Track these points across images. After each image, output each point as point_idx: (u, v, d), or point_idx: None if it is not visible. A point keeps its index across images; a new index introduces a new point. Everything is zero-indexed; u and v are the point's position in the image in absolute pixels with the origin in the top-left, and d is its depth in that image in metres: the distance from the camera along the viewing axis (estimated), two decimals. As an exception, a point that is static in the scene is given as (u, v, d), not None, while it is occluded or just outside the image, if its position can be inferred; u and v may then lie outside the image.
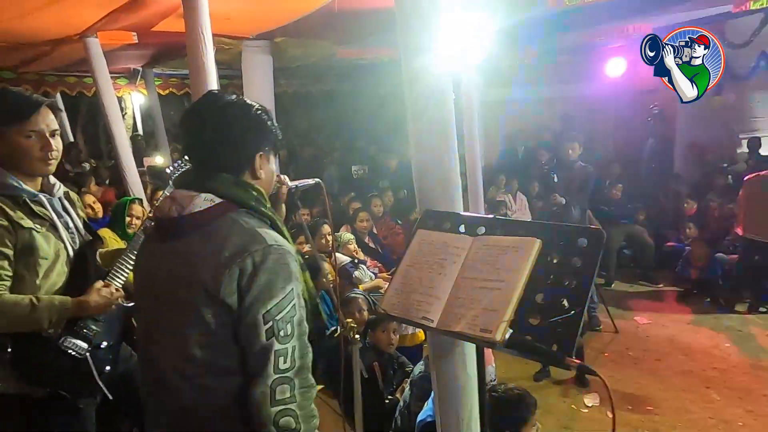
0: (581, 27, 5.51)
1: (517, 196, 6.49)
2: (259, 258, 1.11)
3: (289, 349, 1.12)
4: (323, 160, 8.46)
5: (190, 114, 1.26)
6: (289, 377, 1.11)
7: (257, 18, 4.17)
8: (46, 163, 1.69)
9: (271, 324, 1.10)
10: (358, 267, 4.12)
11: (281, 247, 1.16)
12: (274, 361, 1.10)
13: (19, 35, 4.26)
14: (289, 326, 1.12)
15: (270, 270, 1.12)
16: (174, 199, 1.19)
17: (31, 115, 1.63)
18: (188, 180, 1.23)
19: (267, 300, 1.11)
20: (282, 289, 1.12)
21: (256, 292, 1.10)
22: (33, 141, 1.64)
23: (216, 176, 1.19)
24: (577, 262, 1.24)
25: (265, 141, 1.26)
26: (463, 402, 1.65)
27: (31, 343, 1.65)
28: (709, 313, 4.95)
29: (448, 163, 1.64)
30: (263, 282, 1.11)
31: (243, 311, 1.10)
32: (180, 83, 8.12)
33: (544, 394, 3.39)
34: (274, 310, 1.11)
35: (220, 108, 1.22)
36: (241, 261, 1.10)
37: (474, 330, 1.20)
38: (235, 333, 1.13)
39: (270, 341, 1.10)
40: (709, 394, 3.57)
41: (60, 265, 1.73)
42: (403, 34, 1.62)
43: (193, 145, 1.24)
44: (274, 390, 1.10)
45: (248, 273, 1.10)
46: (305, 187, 1.58)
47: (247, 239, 1.14)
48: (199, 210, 1.15)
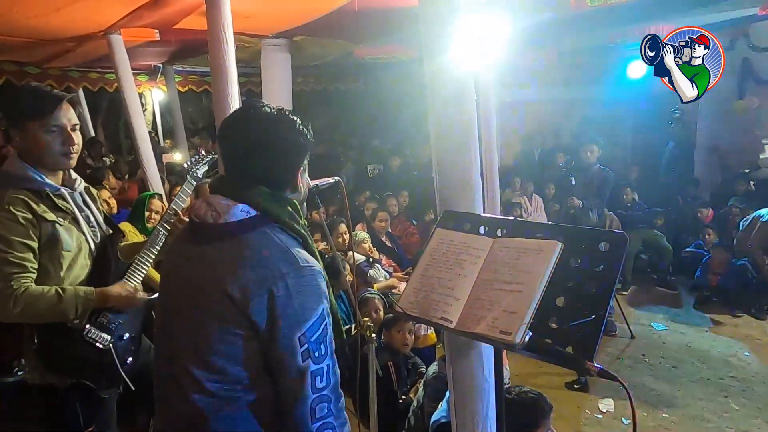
0: (602, 28, 5.44)
1: (532, 198, 6.44)
2: (292, 281, 1.12)
3: (324, 368, 1.14)
4: (339, 159, 8.49)
5: (233, 123, 1.24)
6: (326, 395, 1.14)
7: (278, 16, 4.19)
8: (68, 158, 1.72)
9: (306, 346, 1.12)
10: (373, 266, 4.13)
11: (313, 268, 1.17)
12: (311, 381, 1.12)
13: (45, 32, 4.34)
14: (322, 346, 1.14)
15: (303, 293, 1.13)
16: (210, 204, 1.19)
17: (53, 110, 1.66)
18: (225, 188, 1.22)
19: (302, 323, 1.12)
20: (314, 310, 1.14)
21: (291, 317, 1.11)
22: (55, 135, 1.67)
23: (254, 188, 1.19)
24: (599, 266, 1.23)
25: (306, 155, 1.27)
26: (479, 403, 1.64)
27: (56, 334, 1.69)
28: (728, 320, 4.86)
29: (469, 164, 1.64)
30: (297, 306, 1.12)
31: (277, 336, 1.11)
32: (199, 80, 8.20)
33: (558, 399, 3.36)
34: (309, 333, 1.12)
35: (268, 123, 1.20)
36: (273, 283, 1.11)
37: (493, 332, 1.20)
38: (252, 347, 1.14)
39: (306, 363, 1.12)
40: (727, 404, 3.50)
41: (82, 258, 1.76)
42: (426, 34, 1.62)
43: (234, 156, 1.22)
44: (314, 409, 1.13)
45: (281, 297, 1.11)
46: (326, 185, 1.59)
47: (280, 258, 1.14)
48: (234, 221, 1.16)
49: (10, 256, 1.58)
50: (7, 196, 1.62)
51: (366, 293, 3.29)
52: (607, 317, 4.70)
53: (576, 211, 5.07)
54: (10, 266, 1.58)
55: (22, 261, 1.60)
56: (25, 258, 1.61)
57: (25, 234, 1.61)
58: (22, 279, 1.59)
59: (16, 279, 1.58)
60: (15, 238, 1.59)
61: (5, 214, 1.60)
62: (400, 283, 4.04)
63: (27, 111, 1.65)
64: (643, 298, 5.51)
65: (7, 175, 1.68)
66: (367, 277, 4.00)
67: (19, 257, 1.59)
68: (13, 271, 1.58)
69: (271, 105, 1.26)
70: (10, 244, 1.58)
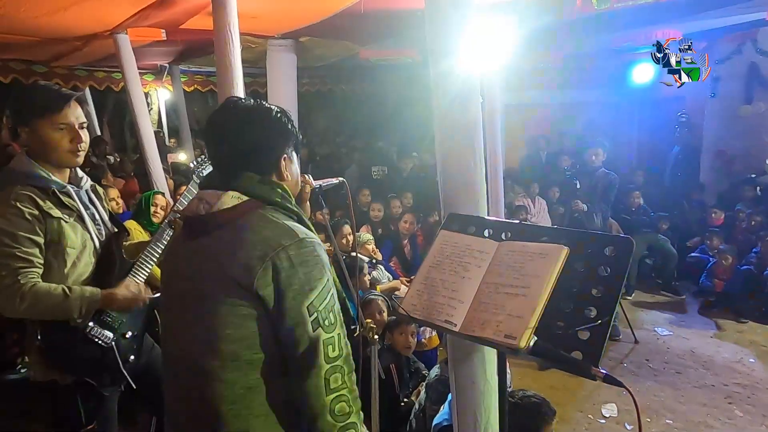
0: (608, 32, 5.43)
1: (536, 201, 6.42)
2: (294, 252, 1.13)
3: (335, 337, 1.14)
4: (343, 160, 8.48)
5: (212, 121, 1.27)
6: (339, 365, 1.14)
7: (284, 17, 4.19)
8: (75, 155, 1.73)
9: (315, 315, 1.12)
10: (376, 267, 4.12)
11: (313, 240, 1.18)
12: (323, 351, 1.12)
13: (53, 30, 4.36)
14: (332, 315, 1.15)
15: (306, 263, 1.13)
16: (201, 198, 1.21)
17: (63, 108, 1.68)
18: (214, 181, 1.25)
19: (309, 292, 1.12)
20: (320, 280, 1.14)
21: (297, 287, 1.12)
22: (63, 133, 1.69)
23: (241, 175, 1.21)
24: (605, 270, 1.22)
25: (287, 143, 1.28)
26: (481, 407, 1.63)
27: (59, 331, 1.69)
28: (734, 326, 4.83)
29: (474, 167, 1.63)
30: (302, 275, 1.12)
31: (285, 307, 1.12)
32: (205, 80, 8.23)
33: (560, 404, 3.34)
34: (317, 302, 1.13)
35: (242, 114, 1.24)
36: (275, 255, 1.11)
37: (498, 336, 1.19)
38: (263, 326, 1.14)
39: (317, 332, 1.12)
40: (731, 410, 3.48)
41: (87, 256, 1.77)
42: (432, 36, 1.61)
43: (217, 152, 1.26)
44: (328, 380, 1.12)
45: (285, 267, 1.11)
46: (329, 186, 1.59)
47: (279, 232, 1.15)
48: (227, 207, 1.17)
49: (17, 251, 1.59)
50: (14, 192, 1.63)
51: (369, 295, 3.28)
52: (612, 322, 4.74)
53: (580, 214, 5.05)
54: (18, 261, 1.59)
55: (28, 256, 1.61)
56: (31, 253, 1.61)
57: (32, 230, 1.62)
58: (29, 274, 1.60)
59: (23, 274, 1.59)
60: (21, 233, 1.60)
61: (12, 210, 1.60)
62: (403, 286, 4.04)
63: (36, 109, 1.67)
64: (647, 302, 5.48)
65: (14, 171, 1.69)
66: (371, 278, 3.99)
67: (26, 252, 1.60)
68: (21, 266, 1.59)
69: (251, 98, 1.29)
70: (16, 240, 1.59)
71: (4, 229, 1.59)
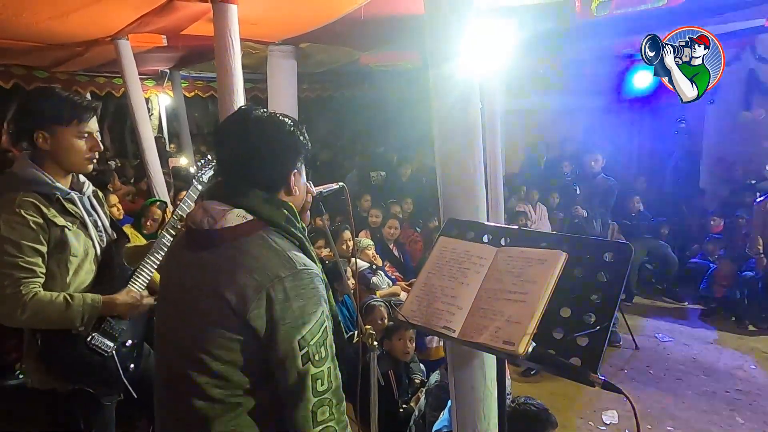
0: (608, 37, 5.44)
1: (537, 207, 6.42)
2: (290, 284, 1.12)
3: (325, 371, 1.14)
4: (343, 165, 8.49)
5: (225, 128, 1.26)
6: (327, 398, 1.14)
7: (284, 23, 4.21)
8: (90, 162, 1.78)
9: (306, 350, 1.11)
10: (376, 273, 4.12)
11: (311, 271, 1.16)
12: (311, 385, 1.12)
13: (54, 36, 4.38)
14: (322, 349, 1.14)
15: (302, 296, 1.13)
16: (206, 210, 1.19)
17: (90, 118, 1.74)
18: (220, 193, 1.23)
19: (301, 327, 1.11)
20: (314, 313, 1.13)
21: (290, 320, 1.11)
22: (85, 141, 1.74)
23: (248, 192, 1.19)
24: (603, 276, 1.22)
25: (298, 157, 1.27)
26: (481, 414, 1.62)
27: (60, 340, 1.68)
28: (734, 333, 4.81)
29: (473, 172, 1.63)
30: (296, 309, 1.11)
31: (276, 340, 1.11)
32: (205, 86, 8.25)
33: (560, 410, 3.33)
34: (308, 336, 1.12)
35: (257, 125, 1.22)
36: (271, 286, 1.11)
37: (497, 342, 1.19)
38: (252, 352, 1.13)
39: (306, 366, 1.11)
40: (732, 417, 3.46)
41: (88, 263, 1.76)
42: (431, 41, 1.62)
43: (227, 160, 1.24)
44: (315, 412, 1.12)
45: (279, 300, 1.11)
46: (330, 191, 1.59)
47: (277, 262, 1.14)
48: (230, 226, 1.16)
49: (20, 260, 1.58)
50: (18, 199, 1.62)
51: (371, 301, 3.27)
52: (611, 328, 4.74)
53: (580, 220, 5.05)
54: (20, 271, 1.58)
55: (31, 266, 1.60)
56: (34, 263, 1.61)
57: (35, 239, 1.61)
58: (31, 284, 1.59)
59: (25, 284, 1.58)
60: (25, 242, 1.59)
61: (16, 218, 1.59)
62: (402, 291, 4.03)
63: (64, 117, 1.69)
64: (647, 309, 5.47)
65: (17, 177, 1.68)
66: (370, 284, 3.99)
67: (29, 262, 1.59)
68: (23, 276, 1.58)
69: (265, 109, 1.27)
70: (20, 249, 1.58)
71: (7, 237, 1.58)
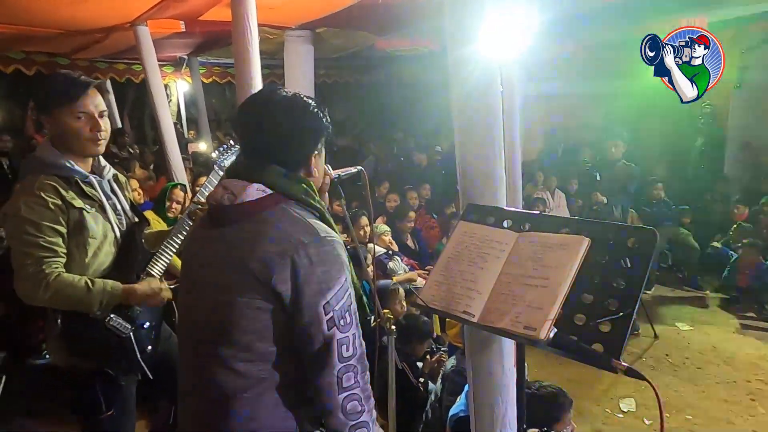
0: (630, 21, 5.30)
1: (555, 194, 6.34)
2: (313, 249, 1.12)
3: (350, 336, 1.15)
4: (361, 151, 8.48)
5: (249, 107, 1.26)
6: (353, 364, 1.15)
7: (301, 8, 4.18)
8: (96, 143, 1.74)
9: (331, 314, 1.12)
10: (393, 258, 4.13)
11: (333, 238, 1.17)
12: (337, 350, 1.12)
13: (74, 22, 4.42)
14: (347, 315, 1.15)
15: (325, 262, 1.13)
16: (226, 188, 1.21)
17: (80, 96, 1.68)
18: (239, 170, 1.25)
19: (326, 291, 1.12)
20: (337, 279, 1.14)
21: (315, 285, 1.12)
22: (83, 122, 1.69)
23: (267, 168, 1.21)
24: (627, 262, 1.20)
25: (320, 139, 1.28)
26: (498, 398, 1.62)
27: (79, 320, 1.71)
28: (756, 322, 4.73)
29: (493, 157, 1.61)
30: (320, 274, 1.12)
31: (302, 305, 1.12)
32: (223, 72, 8.27)
33: (578, 397, 3.31)
34: (333, 301, 1.13)
35: (280, 106, 1.22)
36: (295, 252, 1.11)
37: (517, 327, 1.18)
38: (277, 320, 1.14)
39: (332, 331, 1.12)
40: (753, 407, 3.42)
41: (108, 246, 1.79)
42: (451, 24, 1.59)
43: (249, 138, 1.25)
44: (341, 378, 1.13)
45: (304, 265, 1.11)
46: (348, 175, 1.59)
47: (300, 230, 1.15)
48: (251, 200, 1.17)
49: (41, 240, 1.61)
50: (38, 181, 1.65)
51: (392, 285, 3.31)
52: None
53: (599, 207, 4.98)
54: (42, 250, 1.61)
55: (52, 245, 1.63)
56: (55, 242, 1.63)
57: (55, 219, 1.64)
58: (53, 264, 1.62)
59: (47, 263, 1.61)
60: (45, 223, 1.62)
61: (36, 199, 1.62)
62: (418, 277, 4.03)
63: (55, 97, 1.68)
64: (667, 297, 5.40)
65: (38, 160, 1.71)
66: (387, 269, 4.00)
67: (49, 242, 1.62)
68: (45, 255, 1.61)
69: (289, 89, 1.28)
70: (40, 229, 1.61)
71: (28, 218, 1.61)
